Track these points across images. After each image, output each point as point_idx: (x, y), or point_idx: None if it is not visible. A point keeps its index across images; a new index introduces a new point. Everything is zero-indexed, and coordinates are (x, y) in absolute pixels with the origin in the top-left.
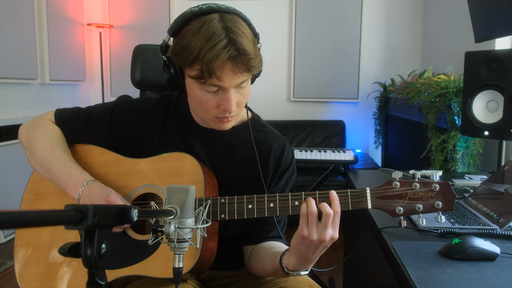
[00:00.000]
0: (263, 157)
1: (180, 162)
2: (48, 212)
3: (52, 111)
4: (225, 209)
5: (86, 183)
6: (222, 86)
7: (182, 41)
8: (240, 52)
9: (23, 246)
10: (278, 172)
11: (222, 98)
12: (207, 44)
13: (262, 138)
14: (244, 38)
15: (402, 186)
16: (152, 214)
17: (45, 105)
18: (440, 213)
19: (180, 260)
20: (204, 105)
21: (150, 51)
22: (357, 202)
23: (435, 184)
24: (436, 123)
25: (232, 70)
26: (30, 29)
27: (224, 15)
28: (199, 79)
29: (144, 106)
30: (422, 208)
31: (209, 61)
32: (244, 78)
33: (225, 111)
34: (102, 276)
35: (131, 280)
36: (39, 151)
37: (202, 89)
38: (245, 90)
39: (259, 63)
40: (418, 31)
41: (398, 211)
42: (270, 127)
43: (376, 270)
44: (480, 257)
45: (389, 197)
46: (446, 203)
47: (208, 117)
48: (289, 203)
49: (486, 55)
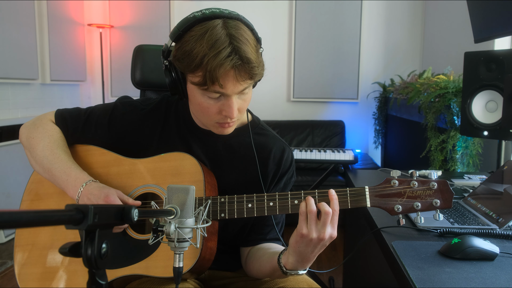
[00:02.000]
0: (263, 160)
1: (180, 162)
2: (49, 212)
3: (53, 111)
4: (225, 208)
5: (85, 184)
6: (224, 93)
7: (184, 46)
8: (244, 60)
9: (22, 247)
10: (277, 175)
11: (224, 104)
12: (210, 52)
13: (262, 141)
14: (247, 45)
15: (401, 184)
16: (152, 214)
17: (45, 105)
18: (438, 211)
19: (181, 260)
20: (206, 110)
21: (150, 51)
22: (356, 201)
23: (433, 182)
24: (436, 123)
25: (235, 78)
26: (31, 30)
27: (227, 21)
28: (202, 85)
29: (144, 107)
30: (420, 206)
31: (213, 69)
32: (247, 85)
33: (226, 117)
34: (102, 275)
35: (131, 280)
36: (39, 151)
37: (204, 95)
38: (246, 96)
39: (261, 70)
40: (418, 32)
41: (396, 209)
42: (270, 129)
43: (376, 270)
44: (480, 257)
45: (388, 196)
46: (444, 201)
47: (209, 122)
48: (289, 202)
49: (486, 55)
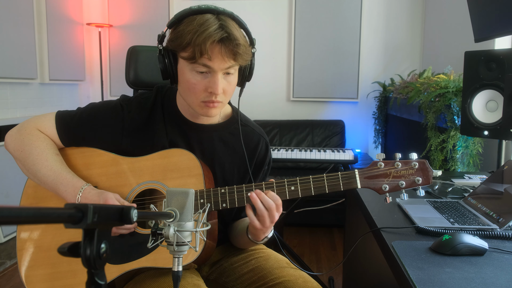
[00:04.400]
0: (251, 151)
1: (178, 158)
2: (48, 209)
3: (37, 116)
4: (226, 199)
5: (81, 189)
6: (211, 67)
7: (178, 31)
8: (230, 36)
9: (26, 249)
10: (264, 163)
11: (210, 81)
12: (200, 28)
13: (246, 132)
14: (235, 29)
15: (386, 166)
16: (151, 215)
17: (44, 104)
18: (420, 187)
19: (180, 264)
20: (193, 87)
21: (144, 52)
22: (348, 183)
23: (414, 162)
24: (436, 122)
25: (220, 53)
26: (30, 29)
27: (220, 16)
28: (191, 59)
29: (146, 103)
30: (404, 184)
31: (201, 42)
32: (231, 64)
33: (212, 94)
34: (101, 276)
35: (137, 273)
36: (31, 166)
37: (192, 70)
38: (231, 78)
39: (247, 55)
40: (418, 31)
41: (384, 189)
42: (251, 120)
43: (376, 270)
44: (470, 252)
45: (376, 177)
46: (425, 178)
47: (195, 102)
48: (286, 189)
49: (486, 54)
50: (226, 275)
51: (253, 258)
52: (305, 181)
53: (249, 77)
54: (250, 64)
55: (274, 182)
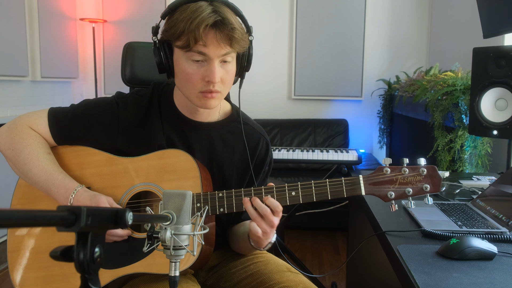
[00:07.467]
0: (252, 150)
1: (175, 159)
2: (40, 212)
3: (29, 113)
4: (223, 203)
5: (74, 191)
6: (206, 54)
7: (171, 20)
8: (225, 20)
9: (16, 252)
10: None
11: (206, 69)
12: (193, 15)
13: (245, 130)
14: (229, 14)
15: (392, 172)
16: (147, 218)
17: (36, 103)
18: (428, 195)
19: (176, 269)
20: (190, 78)
21: (140, 48)
22: (351, 190)
23: (423, 168)
24: (443, 122)
25: (215, 38)
26: (21, 25)
27: (214, 3)
28: (186, 47)
29: (142, 99)
30: (411, 191)
31: (195, 28)
32: (228, 50)
33: (209, 83)
34: (95, 281)
35: (131, 278)
36: (21, 165)
37: (188, 59)
38: (229, 67)
39: (243, 42)
40: (424, 26)
41: (389, 196)
42: (251, 119)
43: (380, 275)
44: (478, 257)
45: (381, 183)
46: (433, 185)
47: (193, 92)
48: (286, 194)
49: (495, 51)
50: (224, 281)
51: (252, 263)
52: (306, 186)
53: (247, 66)
54: (248, 52)
55: (274, 187)
